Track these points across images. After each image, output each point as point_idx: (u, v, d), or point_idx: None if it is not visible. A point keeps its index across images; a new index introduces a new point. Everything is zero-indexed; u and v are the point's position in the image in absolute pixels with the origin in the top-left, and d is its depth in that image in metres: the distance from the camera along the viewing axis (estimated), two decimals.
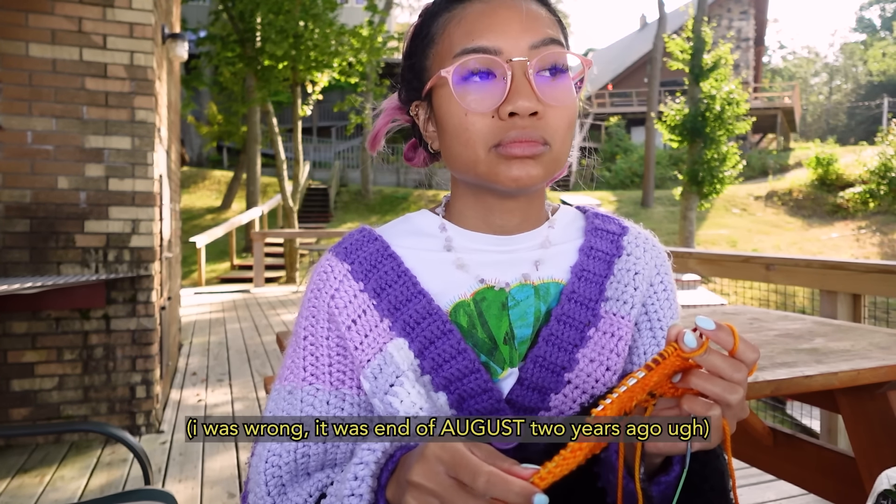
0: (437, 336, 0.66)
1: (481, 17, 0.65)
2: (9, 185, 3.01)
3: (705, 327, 0.50)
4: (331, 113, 22.54)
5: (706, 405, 0.50)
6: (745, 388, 0.51)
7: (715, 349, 0.50)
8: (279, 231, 11.75)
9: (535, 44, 0.64)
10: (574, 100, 0.66)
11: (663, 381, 0.52)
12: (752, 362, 0.51)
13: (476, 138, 0.64)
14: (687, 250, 3.75)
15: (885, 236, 16.63)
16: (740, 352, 0.51)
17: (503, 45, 0.63)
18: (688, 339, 0.49)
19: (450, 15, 0.67)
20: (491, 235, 0.72)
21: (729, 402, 0.50)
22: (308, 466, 0.67)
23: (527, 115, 0.62)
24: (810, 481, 1.91)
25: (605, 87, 27.60)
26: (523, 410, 0.66)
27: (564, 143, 0.66)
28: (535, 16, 0.65)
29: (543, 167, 0.65)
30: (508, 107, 0.62)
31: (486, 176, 0.65)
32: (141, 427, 3.28)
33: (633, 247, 0.76)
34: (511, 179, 0.64)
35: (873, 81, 45.47)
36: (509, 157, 0.63)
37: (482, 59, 0.63)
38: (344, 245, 0.74)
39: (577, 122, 0.69)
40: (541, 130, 0.63)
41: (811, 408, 4.30)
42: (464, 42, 0.65)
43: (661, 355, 0.51)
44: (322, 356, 0.71)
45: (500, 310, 0.69)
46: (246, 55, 11.00)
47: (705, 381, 0.50)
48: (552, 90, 0.64)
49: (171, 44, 4.06)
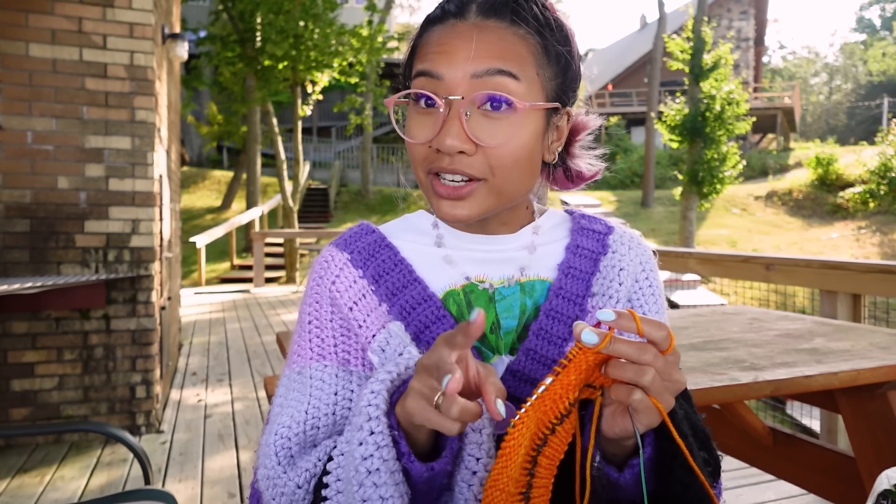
0: (432, 321, 0.70)
1: (437, 43, 0.67)
2: (9, 185, 3.01)
3: (606, 319, 0.53)
4: (331, 113, 22.54)
5: (628, 390, 0.53)
6: (659, 366, 0.53)
7: (622, 337, 0.53)
8: (279, 231, 11.74)
9: (477, 73, 0.63)
10: (518, 133, 0.65)
11: (592, 374, 0.55)
12: (663, 339, 0.53)
13: (417, 162, 0.69)
14: (687, 250, 3.74)
15: (885, 236, 16.63)
16: (647, 333, 0.53)
17: (446, 73, 0.64)
18: (585, 337, 0.52)
19: (425, 36, 0.70)
20: (477, 235, 0.75)
21: (642, 383, 0.52)
22: (316, 438, 0.69)
23: (453, 152, 0.64)
24: (810, 481, 1.91)
25: (605, 87, 27.60)
26: (516, 401, 0.68)
27: (508, 175, 0.66)
28: (490, 44, 0.64)
29: (477, 202, 0.67)
30: (436, 143, 0.64)
31: (429, 201, 0.70)
32: (141, 427, 3.28)
33: (618, 245, 0.78)
34: (446, 217, 0.67)
35: (873, 81, 45.47)
36: (437, 192, 0.67)
37: (427, 83, 0.65)
38: (344, 237, 0.78)
39: (542, 141, 0.69)
40: (470, 167, 0.65)
41: (811, 408, 4.30)
42: (419, 64, 0.68)
43: (566, 358, 0.54)
44: (327, 337, 0.73)
45: (487, 302, 0.72)
46: (246, 55, 11.00)
47: (616, 369, 0.53)
48: (489, 128, 0.64)
49: (171, 44, 4.06)
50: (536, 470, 0.56)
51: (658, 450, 0.60)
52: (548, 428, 0.55)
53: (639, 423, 0.54)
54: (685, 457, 0.57)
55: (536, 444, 0.55)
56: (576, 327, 0.53)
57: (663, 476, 0.60)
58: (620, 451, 0.59)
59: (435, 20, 0.69)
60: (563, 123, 0.73)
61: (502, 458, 0.53)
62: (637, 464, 0.59)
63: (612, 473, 0.59)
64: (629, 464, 0.59)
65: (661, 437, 0.59)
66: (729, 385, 1.22)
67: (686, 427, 0.61)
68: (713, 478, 0.68)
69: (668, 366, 0.53)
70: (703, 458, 0.63)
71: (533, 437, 0.55)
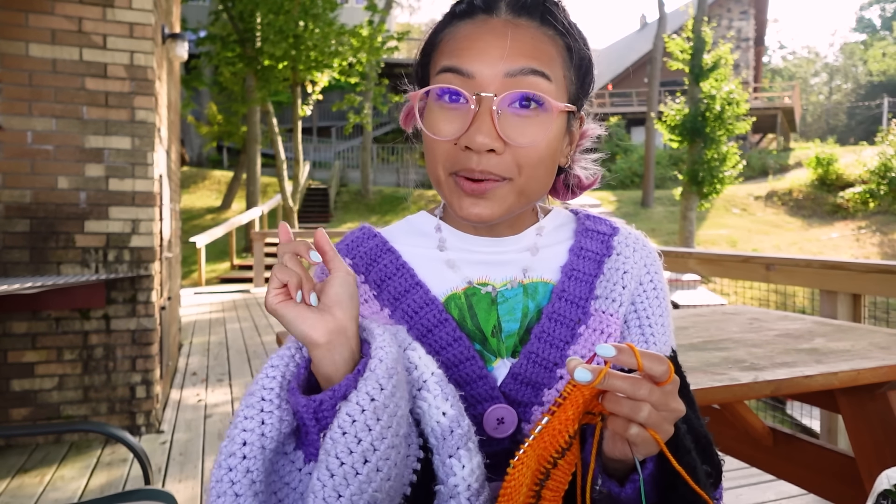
0: (434, 325, 0.70)
1: (466, 39, 0.65)
2: (9, 185, 3.01)
3: (606, 355, 0.52)
4: (331, 113, 22.53)
5: (625, 424, 0.53)
6: (655, 400, 0.52)
7: (616, 372, 0.52)
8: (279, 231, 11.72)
9: (511, 72, 0.63)
10: (547, 134, 0.65)
11: (591, 403, 0.55)
12: (662, 374, 0.52)
13: (438, 160, 0.67)
14: (687, 250, 3.74)
15: (885, 236, 16.63)
16: (647, 368, 0.52)
17: (478, 70, 0.63)
18: (578, 375, 0.51)
19: (449, 30, 0.69)
20: (481, 237, 0.75)
21: (637, 419, 0.52)
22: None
23: (483, 151, 0.63)
24: (810, 481, 1.91)
25: (605, 87, 27.59)
26: (517, 404, 0.68)
27: (534, 175, 0.66)
28: (524, 43, 0.64)
29: (500, 201, 0.66)
30: (465, 140, 0.63)
31: (449, 202, 0.68)
32: (141, 427, 3.28)
33: (622, 246, 0.77)
34: (469, 216, 0.66)
35: (873, 81, 45.46)
36: (461, 188, 0.66)
37: (455, 79, 0.64)
38: (345, 242, 0.77)
39: (561, 144, 0.70)
40: (497, 167, 0.64)
41: (811, 408, 4.30)
42: (446, 60, 0.66)
43: (561, 396, 0.54)
44: None
45: (489, 305, 0.72)
46: (246, 55, 11.01)
47: (612, 404, 0.53)
48: (520, 126, 0.64)
49: (171, 44, 4.06)
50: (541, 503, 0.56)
51: (660, 466, 0.59)
52: (549, 462, 0.55)
53: (637, 452, 0.54)
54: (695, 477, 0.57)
55: (539, 478, 0.55)
56: (569, 364, 0.52)
57: (666, 492, 0.60)
58: (622, 465, 0.59)
59: (462, 14, 0.68)
60: (576, 129, 0.73)
61: (504, 497, 0.53)
62: (636, 479, 0.59)
63: (613, 488, 0.59)
64: (631, 478, 0.59)
65: (664, 454, 0.58)
66: (729, 385, 1.22)
67: (689, 441, 0.61)
68: (715, 486, 0.68)
69: (665, 396, 0.53)
70: (706, 471, 0.63)
71: (535, 473, 0.55)
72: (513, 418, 0.67)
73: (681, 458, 0.57)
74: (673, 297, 10.03)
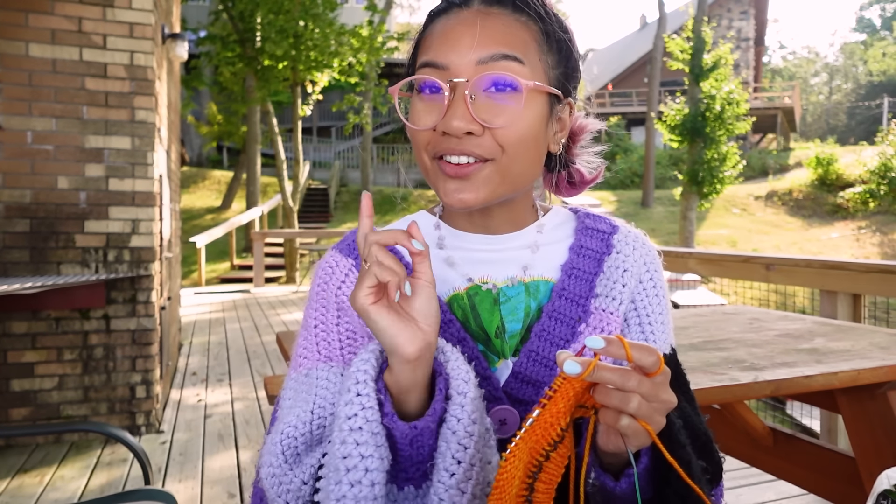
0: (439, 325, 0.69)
1: (441, 33, 0.68)
2: (9, 185, 3.01)
3: (595, 347, 0.52)
4: (331, 113, 22.53)
5: (616, 416, 0.53)
6: (645, 391, 0.52)
7: (606, 364, 0.52)
8: (279, 231, 11.74)
9: (482, 59, 0.64)
10: (525, 114, 0.66)
11: (583, 396, 0.55)
12: (651, 365, 0.52)
13: (421, 147, 0.69)
14: (687, 250, 3.74)
15: (885, 236, 16.63)
16: (636, 359, 0.52)
17: (451, 61, 0.65)
18: (567, 368, 0.52)
19: (428, 29, 0.71)
20: (480, 235, 0.75)
21: (627, 410, 0.52)
22: (323, 437, 0.69)
23: (460, 134, 0.64)
24: (810, 481, 1.91)
25: (605, 87, 27.59)
26: (519, 403, 0.68)
27: (517, 155, 0.67)
28: (495, 30, 0.65)
29: (484, 184, 0.66)
30: (442, 126, 0.65)
31: (435, 188, 0.69)
32: (141, 427, 3.28)
33: (622, 245, 0.78)
34: (453, 202, 0.67)
35: (873, 81, 45.46)
36: (444, 172, 0.67)
37: (432, 72, 0.66)
38: (347, 242, 0.78)
39: (546, 128, 0.70)
40: (479, 147, 0.65)
41: (811, 408, 4.30)
42: (423, 56, 0.68)
43: (551, 388, 0.54)
44: (333, 340, 0.73)
45: (491, 304, 0.72)
46: (246, 55, 11.00)
47: (602, 395, 0.53)
48: (495, 108, 0.65)
49: (171, 44, 4.06)
50: (534, 496, 0.56)
51: (654, 459, 0.59)
52: (542, 455, 0.55)
53: (630, 444, 0.54)
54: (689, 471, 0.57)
55: (532, 471, 0.55)
56: (559, 356, 0.53)
57: (661, 486, 0.60)
58: (617, 460, 0.59)
59: (439, 12, 0.70)
60: (565, 115, 0.73)
61: (497, 489, 0.53)
62: (631, 473, 0.59)
63: (608, 483, 0.59)
64: (626, 472, 0.59)
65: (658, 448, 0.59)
66: (729, 385, 1.22)
67: (684, 436, 0.61)
68: (714, 483, 0.68)
69: (655, 387, 0.53)
70: (702, 466, 0.63)
71: (527, 465, 0.55)
72: (515, 419, 0.67)
73: (674, 451, 0.57)
74: (673, 297, 10.03)
